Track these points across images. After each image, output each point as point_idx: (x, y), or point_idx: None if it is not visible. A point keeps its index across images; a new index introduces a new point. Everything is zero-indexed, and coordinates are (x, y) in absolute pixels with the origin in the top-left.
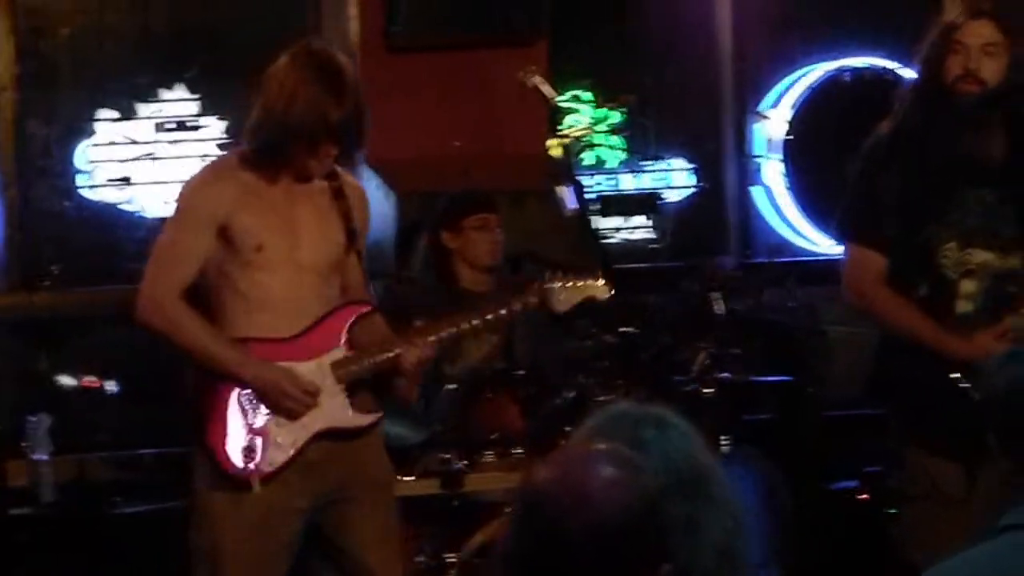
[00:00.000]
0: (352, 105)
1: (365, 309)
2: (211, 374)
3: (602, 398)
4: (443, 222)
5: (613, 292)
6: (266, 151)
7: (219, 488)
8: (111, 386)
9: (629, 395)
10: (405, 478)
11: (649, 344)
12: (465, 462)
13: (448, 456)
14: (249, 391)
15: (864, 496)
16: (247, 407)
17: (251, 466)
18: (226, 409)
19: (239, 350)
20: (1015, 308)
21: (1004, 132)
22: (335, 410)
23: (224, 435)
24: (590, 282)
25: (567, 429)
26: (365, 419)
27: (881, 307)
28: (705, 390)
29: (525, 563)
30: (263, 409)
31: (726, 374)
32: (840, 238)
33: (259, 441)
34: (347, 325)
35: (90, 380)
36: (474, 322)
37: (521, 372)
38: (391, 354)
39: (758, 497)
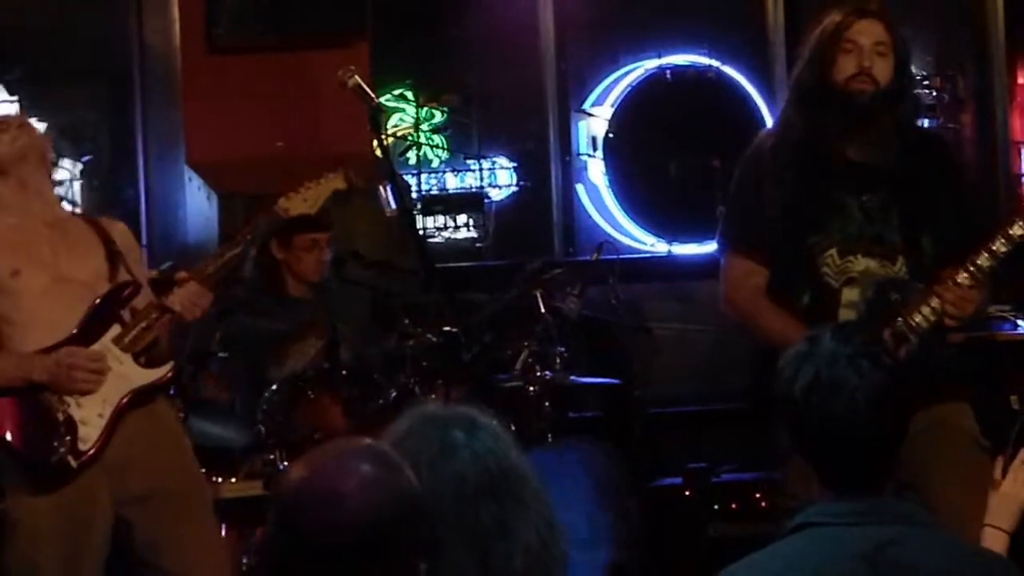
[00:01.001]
0: None
1: (129, 289)
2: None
3: (423, 397)
4: (274, 235)
5: (350, 180)
6: None
7: (31, 494)
8: None
9: (450, 394)
10: (230, 480)
11: (472, 343)
12: (288, 463)
13: (272, 457)
14: (42, 390)
15: (688, 493)
16: (46, 406)
17: (63, 450)
18: (27, 415)
19: (17, 357)
20: (896, 315)
21: (892, 136)
22: (129, 374)
23: (32, 437)
24: (326, 178)
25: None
26: (159, 372)
27: (759, 319)
28: (529, 388)
29: (280, 563)
30: (62, 401)
31: (548, 372)
32: (721, 247)
33: (67, 430)
34: (117, 306)
35: None
36: (231, 252)
37: (344, 372)
38: (161, 309)
39: (594, 483)
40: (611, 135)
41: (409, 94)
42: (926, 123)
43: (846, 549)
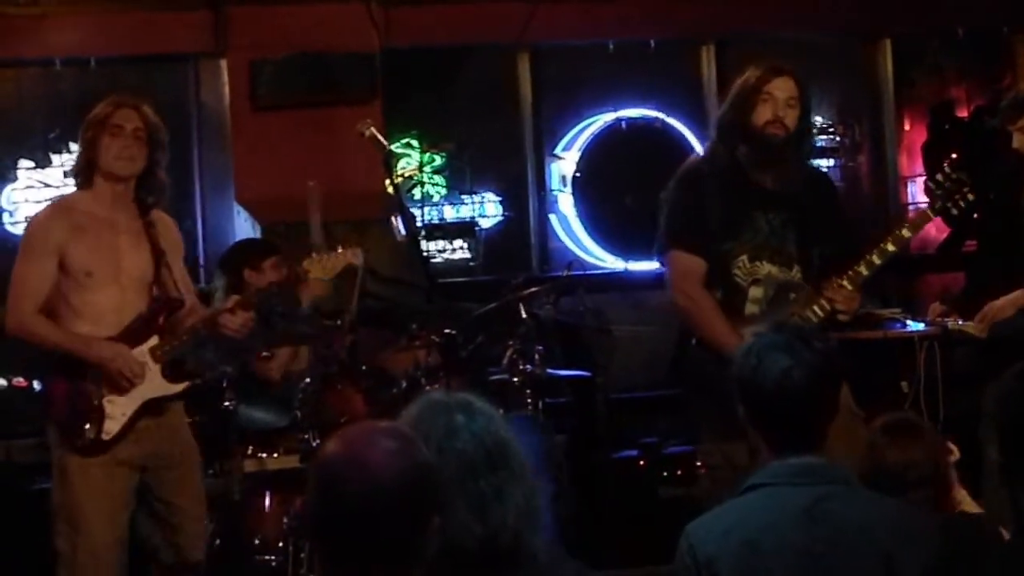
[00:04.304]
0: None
1: (176, 305)
2: (60, 369)
3: (428, 388)
4: (246, 264)
5: (362, 257)
6: (79, 180)
7: (69, 453)
8: (37, 385)
9: (450, 385)
10: (272, 455)
11: (467, 343)
12: (319, 441)
13: (306, 436)
14: (88, 379)
15: (642, 463)
16: (87, 394)
17: (89, 435)
18: (71, 396)
19: (81, 336)
20: (791, 311)
21: (793, 169)
22: (155, 383)
23: (70, 416)
24: (343, 252)
25: (400, 414)
26: (178, 386)
27: (699, 308)
28: (513, 379)
29: (320, 523)
30: (99, 392)
31: (529, 366)
32: (665, 244)
33: (97, 418)
34: (160, 318)
35: (19, 381)
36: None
37: (364, 367)
38: (198, 327)
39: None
40: (578, 174)
41: (414, 142)
42: (830, 162)
43: (789, 504)
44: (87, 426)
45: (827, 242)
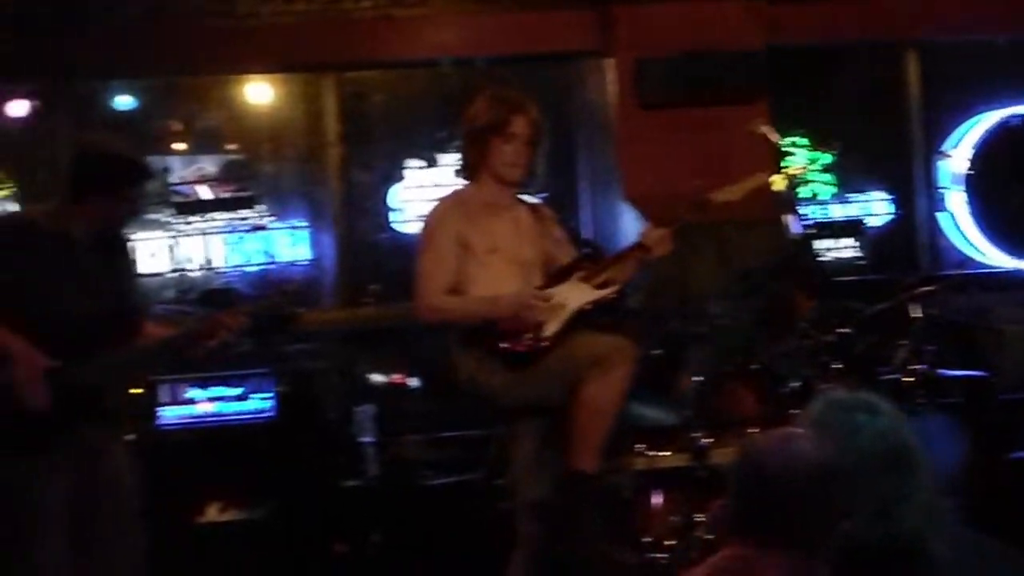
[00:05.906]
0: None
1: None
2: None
3: (821, 387)
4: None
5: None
6: (467, 175)
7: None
8: (413, 382)
9: (843, 384)
10: (663, 453)
11: (859, 342)
12: (711, 440)
13: (697, 435)
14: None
15: None
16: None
17: (528, 341)
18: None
19: (489, 299)
20: None
21: None
22: (584, 294)
23: (509, 335)
24: (751, 178)
25: (793, 412)
26: (604, 292)
27: None
28: (905, 379)
29: (742, 505)
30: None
31: (923, 366)
32: None
33: (534, 329)
34: (585, 260)
35: (397, 377)
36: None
37: (756, 366)
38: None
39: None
40: (971, 172)
41: (801, 140)
42: None
43: None
44: (524, 336)
45: None
